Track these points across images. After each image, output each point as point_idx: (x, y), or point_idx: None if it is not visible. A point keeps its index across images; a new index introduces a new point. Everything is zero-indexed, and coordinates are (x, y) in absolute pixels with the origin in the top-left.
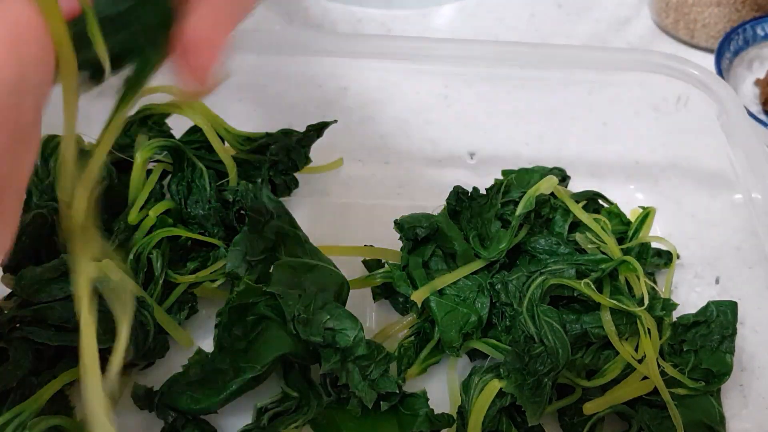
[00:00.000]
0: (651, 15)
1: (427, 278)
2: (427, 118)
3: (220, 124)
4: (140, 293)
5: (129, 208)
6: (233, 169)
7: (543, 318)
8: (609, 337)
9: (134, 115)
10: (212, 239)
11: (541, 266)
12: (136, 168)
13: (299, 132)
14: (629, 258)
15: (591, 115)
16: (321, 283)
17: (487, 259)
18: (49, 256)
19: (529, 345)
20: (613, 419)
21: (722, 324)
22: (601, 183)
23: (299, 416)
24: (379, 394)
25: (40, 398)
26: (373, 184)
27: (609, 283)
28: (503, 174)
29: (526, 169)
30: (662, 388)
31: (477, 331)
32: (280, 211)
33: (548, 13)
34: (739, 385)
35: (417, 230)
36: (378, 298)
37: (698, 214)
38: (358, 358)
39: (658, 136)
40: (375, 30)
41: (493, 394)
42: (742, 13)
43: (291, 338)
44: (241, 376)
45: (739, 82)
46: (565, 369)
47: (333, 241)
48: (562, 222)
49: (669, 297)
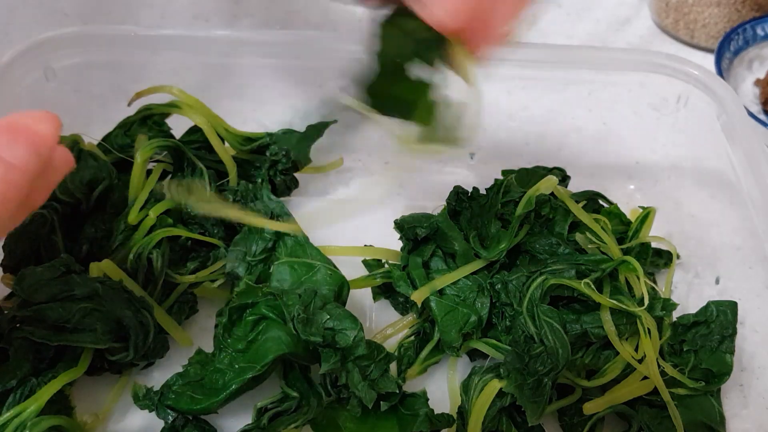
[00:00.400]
0: (651, 15)
1: (427, 278)
2: None
3: (220, 124)
4: (140, 293)
5: (129, 208)
6: (233, 169)
7: (543, 318)
8: (609, 337)
9: (134, 115)
10: (212, 239)
11: (541, 266)
12: (136, 168)
13: (299, 132)
14: (629, 258)
15: (591, 115)
16: (321, 283)
17: (487, 259)
18: (49, 256)
19: (529, 345)
20: (613, 419)
21: (722, 324)
22: (601, 183)
23: (299, 416)
24: (379, 394)
25: (40, 398)
26: (373, 184)
27: (609, 283)
28: (503, 174)
29: (526, 169)
30: (662, 388)
31: (477, 331)
32: (280, 211)
33: (548, 13)
34: (739, 385)
35: (417, 230)
36: (378, 298)
37: (698, 214)
38: (358, 358)
39: (658, 136)
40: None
41: (493, 394)
42: (742, 13)
43: (291, 338)
44: (241, 376)
45: (739, 82)
46: (565, 369)
47: (333, 241)
48: (562, 222)
49: (669, 297)
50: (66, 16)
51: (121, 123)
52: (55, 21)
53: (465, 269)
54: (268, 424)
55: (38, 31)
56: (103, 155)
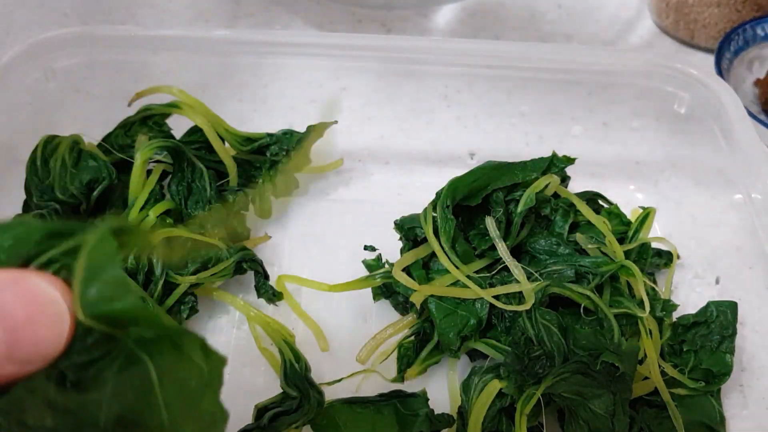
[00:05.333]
0: (651, 15)
1: (426, 278)
2: (427, 118)
3: (220, 124)
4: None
5: (129, 208)
6: (233, 170)
7: (541, 321)
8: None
9: (134, 115)
10: (212, 240)
11: (541, 267)
12: (136, 168)
13: (299, 132)
14: (628, 262)
15: (591, 115)
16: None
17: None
18: None
19: (529, 347)
20: None
21: (722, 324)
22: (601, 183)
23: (299, 416)
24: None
25: None
26: (373, 184)
27: (609, 284)
28: None
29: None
30: (662, 388)
31: (475, 334)
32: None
33: (548, 13)
34: (739, 385)
35: (417, 230)
36: (378, 298)
37: (698, 214)
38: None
39: (658, 136)
40: (375, 30)
41: (493, 394)
42: (742, 13)
43: None
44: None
45: (739, 82)
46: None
47: (333, 241)
48: (563, 222)
49: (669, 297)
50: (66, 16)
51: (121, 123)
52: (55, 21)
53: (465, 269)
54: (268, 424)
55: (38, 31)
56: (103, 155)
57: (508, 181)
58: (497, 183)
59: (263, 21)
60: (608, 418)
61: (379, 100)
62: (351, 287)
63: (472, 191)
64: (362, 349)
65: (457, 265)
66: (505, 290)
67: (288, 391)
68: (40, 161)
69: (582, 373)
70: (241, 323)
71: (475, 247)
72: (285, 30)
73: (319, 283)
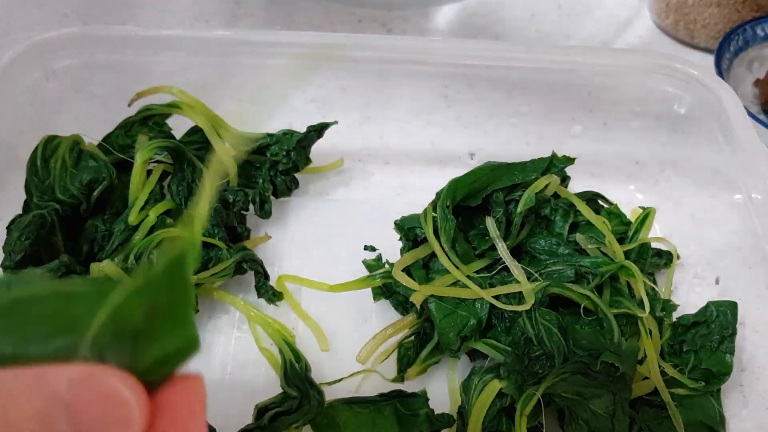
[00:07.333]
0: (651, 15)
1: (426, 279)
2: (427, 118)
3: (220, 124)
4: None
5: (129, 208)
6: (233, 170)
7: (541, 321)
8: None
9: (135, 115)
10: (212, 240)
11: (541, 267)
12: (136, 168)
13: (299, 132)
14: (628, 262)
15: (591, 115)
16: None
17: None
18: (49, 256)
19: (529, 347)
20: None
21: (722, 324)
22: (601, 183)
23: (299, 416)
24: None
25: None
26: (373, 184)
27: (609, 284)
28: None
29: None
30: (662, 388)
31: (475, 334)
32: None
33: (548, 13)
34: (739, 385)
35: (417, 230)
36: (378, 298)
37: (698, 214)
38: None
39: (658, 136)
40: (375, 30)
41: (493, 394)
42: (742, 13)
43: None
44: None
45: (739, 82)
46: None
47: (333, 241)
48: (563, 223)
49: (669, 297)
50: (66, 16)
51: (121, 123)
52: (55, 21)
53: (465, 270)
54: (268, 424)
55: (38, 31)
56: (103, 155)
57: (508, 181)
58: (497, 183)
59: (263, 21)
60: (608, 418)
61: (379, 100)
62: (351, 287)
63: (472, 191)
64: (362, 349)
65: (457, 265)
66: (505, 290)
67: (288, 391)
68: (40, 161)
69: (582, 373)
70: (241, 323)
71: (475, 247)
72: (285, 30)
73: (319, 283)
